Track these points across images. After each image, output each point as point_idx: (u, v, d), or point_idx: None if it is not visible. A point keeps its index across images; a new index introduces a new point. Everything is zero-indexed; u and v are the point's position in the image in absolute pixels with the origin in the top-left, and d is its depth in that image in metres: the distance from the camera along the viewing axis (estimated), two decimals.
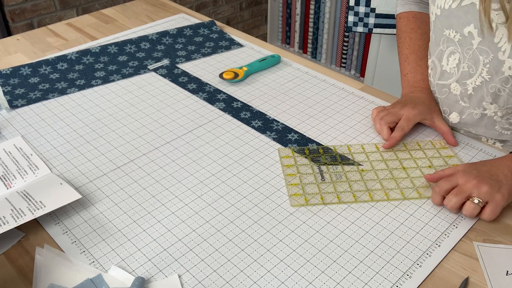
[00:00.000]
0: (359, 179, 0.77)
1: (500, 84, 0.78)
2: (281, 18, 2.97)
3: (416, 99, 0.88)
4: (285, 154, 0.83)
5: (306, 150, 0.84)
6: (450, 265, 0.64)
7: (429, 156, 0.82)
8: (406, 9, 0.97)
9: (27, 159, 0.81)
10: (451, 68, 0.84)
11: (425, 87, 0.91)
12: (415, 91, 0.91)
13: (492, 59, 0.77)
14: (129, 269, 0.63)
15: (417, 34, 0.95)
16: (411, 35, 0.95)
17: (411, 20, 0.96)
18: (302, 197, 0.74)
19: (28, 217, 0.67)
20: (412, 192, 0.75)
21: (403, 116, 0.85)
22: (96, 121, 0.92)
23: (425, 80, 0.92)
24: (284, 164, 0.81)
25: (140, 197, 0.74)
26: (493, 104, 0.81)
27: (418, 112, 0.85)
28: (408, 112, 0.85)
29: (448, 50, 0.84)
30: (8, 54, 1.16)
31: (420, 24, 0.96)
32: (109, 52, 1.15)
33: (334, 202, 0.73)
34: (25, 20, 1.99)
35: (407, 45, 0.95)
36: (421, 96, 0.89)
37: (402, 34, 0.97)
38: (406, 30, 0.96)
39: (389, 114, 0.86)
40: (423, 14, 0.96)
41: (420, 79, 0.92)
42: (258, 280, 0.62)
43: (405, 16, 0.97)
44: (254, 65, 1.07)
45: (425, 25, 0.95)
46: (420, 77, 0.92)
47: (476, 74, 0.81)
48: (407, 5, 0.97)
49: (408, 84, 0.93)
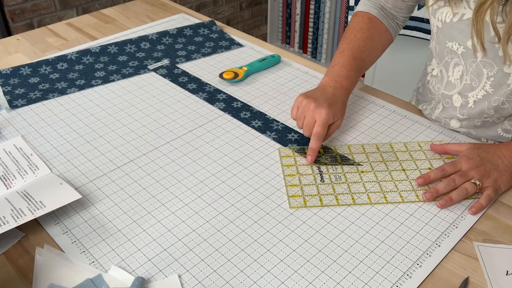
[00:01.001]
0: (358, 180, 0.77)
1: (505, 97, 0.78)
2: (281, 18, 2.97)
3: (332, 97, 0.84)
4: (285, 153, 0.83)
5: (306, 149, 0.84)
6: (450, 265, 0.64)
7: (429, 158, 0.82)
8: (366, 9, 0.94)
9: (27, 159, 0.81)
10: (455, 80, 0.84)
11: (345, 86, 0.87)
12: (334, 86, 0.87)
13: (497, 72, 0.77)
14: (129, 269, 0.63)
15: (362, 35, 0.91)
16: (357, 33, 0.92)
17: (365, 21, 0.93)
18: (301, 198, 0.74)
19: (28, 217, 0.67)
20: (410, 195, 0.74)
21: (317, 120, 0.81)
22: (96, 121, 0.92)
23: (348, 78, 0.88)
24: (284, 164, 0.81)
25: (140, 197, 0.74)
26: (495, 115, 0.82)
27: (332, 114, 0.82)
28: (322, 116, 0.81)
29: (453, 62, 0.83)
30: (8, 54, 1.16)
31: (371, 28, 0.92)
32: (109, 52, 1.15)
33: (333, 204, 0.73)
34: (25, 20, 1.99)
35: (348, 41, 0.91)
36: (338, 96, 0.86)
37: (350, 29, 0.93)
38: (355, 27, 0.93)
39: (303, 112, 0.83)
40: (378, 20, 0.93)
41: (344, 75, 0.88)
42: (258, 280, 0.62)
43: (361, 15, 0.94)
44: (254, 65, 1.07)
45: (375, 31, 0.92)
46: (345, 74, 0.88)
47: (479, 87, 0.80)
48: (368, 6, 0.94)
49: (331, 75, 0.88)
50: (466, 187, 0.72)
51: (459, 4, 0.77)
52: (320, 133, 0.81)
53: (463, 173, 0.74)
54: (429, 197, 0.72)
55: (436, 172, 0.75)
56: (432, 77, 0.91)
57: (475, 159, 0.75)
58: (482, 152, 0.76)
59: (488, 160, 0.75)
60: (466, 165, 0.74)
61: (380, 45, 0.94)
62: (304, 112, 0.83)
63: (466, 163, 0.75)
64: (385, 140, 0.87)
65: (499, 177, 0.74)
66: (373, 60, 0.94)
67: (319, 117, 0.81)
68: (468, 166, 0.74)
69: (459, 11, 0.78)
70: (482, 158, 0.75)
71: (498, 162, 0.75)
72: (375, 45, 0.92)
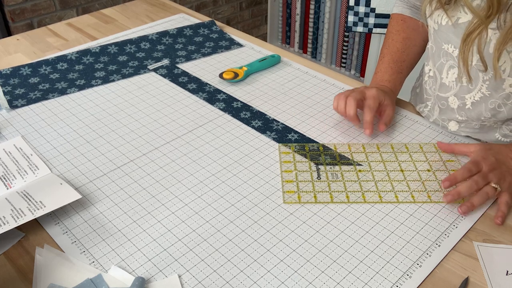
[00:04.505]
0: (356, 179, 0.77)
1: (501, 100, 0.78)
2: (281, 18, 2.97)
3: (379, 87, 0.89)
4: (284, 150, 0.83)
5: (306, 147, 0.84)
6: (450, 265, 0.64)
7: (429, 160, 0.82)
8: (399, 11, 0.97)
9: (27, 159, 0.81)
10: (450, 82, 0.84)
11: (389, 88, 0.91)
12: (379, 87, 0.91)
13: (492, 76, 0.76)
14: (129, 269, 0.63)
15: (399, 37, 0.94)
16: (394, 37, 0.95)
17: (399, 22, 0.96)
18: (296, 194, 0.74)
19: (28, 217, 0.67)
20: (407, 196, 0.74)
21: (367, 94, 0.84)
22: (96, 121, 0.92)
23: (391, 81, 0.92)
24: (283, 160, 0.81)
25: (140, 197, 0.75)
26: (492, 119, 0.81)
27: (382, 93, 0.85)
28: (372, 91, 0.85)
29: (448, 64, 0.83)
30: (8, 54, 1.16)
31: (406, 28, 0.95)
32: (109, 52, 1.15)
33: (327, 201, 0.73)
34: (25, 20, 1.99)
35: (387, 45, 0.95)
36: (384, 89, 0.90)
37: (388, 34, 0.97)
38: (392, 31, 0.96)
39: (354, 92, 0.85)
40: (413, 19, 0.95)
41: (387, 79, 0.92)
42: (258, 280, 0.62)
43: (395, 17, 0.97)
44: (254, 65, 1.07)
45: (411, 30, 0.95)
46: (388, 78, 0.92)
47: (476, 89, 0.80)
48: (401, 7, 0.97)
49: (374, 81, 0.94)
50: (487, 192, 0.70)
51: (455, 8, 0.77)
52: (371, 105, 0.81)
53: (484, 175, 0.71)
54: (450, 200, 0.70)
55: (463, 173, 0.71)
56: (430, 78, 0.91)
57: (490, 159, 0.73)
58: (495, 154, 0.74)
59: (503, 163, 0.74)
60: (486, 167, 0.72)
61: (420, 41, 0.96)
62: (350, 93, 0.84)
63: (485, 164, 0.72)
64: (385, 140, 0.87)
65: None
66: (416, 58, 0.96)
67: (368, 92, 0.83)
68: (487, 167, 0.72)
69: (455, 14, 0.78)
70: (497, 159, 0.74)
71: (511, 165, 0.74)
72: (414, 43, 0.94)
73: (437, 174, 0.78)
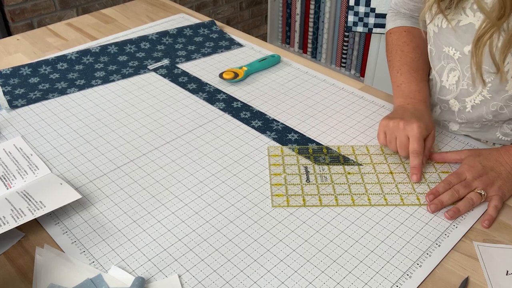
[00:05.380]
0: (344, 181, 0.77)
1: (503, 102, 0.78)
2: (281, 18, 2.97)
3: (415, 112, 0.81)
4: (273, 152, 0.83)
5: (310, 149, 0.83)
6: (450, 265, 0.64)
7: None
8: (397, 25, 0.93)
9: (27, 159, 0.81)
10: (450, 85, 0.83)
11: (422, 99, 0.84)
12: (412, 102, 0.84)
13: (495, 78, 0.76)
14: (129, 269, 0.63)
15: (409, 48, 0.90)
16: (403, 48, 0.91)
17: (403, 34, 0.92)
18: (284, 197, 0.74)
19: (28, 217, 0.67)
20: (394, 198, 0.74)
21: (411, 137, 0.78)
22: (96, 121, 0.92)
23: (421, 91, 0.85)
24: (271, 163, 0.80)
25: (140, 197, 0.75)
26: (494, 119, 0.81)
27: (423, 127, 0.78)
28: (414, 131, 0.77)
29: (449, 67, 0.82)
30: (8, 54, 1.16)
31: (413, 37, 0.91)
32: (109, 52, 1.15)
33: (316, 204, 0.73)
34: (25, 20, 1.99)
35: (398, 58, 0.90)
36: (420, 109, 0.82)
37: (393, 47, 0.92)
38: (398, 44, 0.91)
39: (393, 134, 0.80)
40: (415, 28, 0.92)
41: (416, 90, 0.85)
42: (258, 280, 0.62)
43: (396, 31, 0.93)
44: (254, 65, 1.07)
45: (418, 38, 0.91)
46: (415, 88, 0.85)
47: (476, 92, 0.79)
48: (398, 20, 0.94)
49: (403, 94, 0.86)
50: (472, 198, 0.71)
51: (455, 11, 0.76)
52: (417, 149, 0.77)
53: (467, 184, 0.73)
54: (434, 209, 0.71)
55: (443, 186, 0.73)
56: (429, 81, 0.91)
57: (477, 167, 0.74)
58: (483, 160, 0.75)
59: (491, 168, 0.74)
60: (470, 175, 0.73)
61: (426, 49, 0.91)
62: (394, 133, 0.79)
63: (469, 172, 0.74)
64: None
65: (503, 185, 0.73)
66: (429, 65, 0.91)
67: (411, 133, 0.77)
68: (471, 176, 0.73)
69: (455, 18, 0.76)
70: (484, 166, 0.74)
71: (501, 170, 0.74)
72: (425, 51, 0.90)
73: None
